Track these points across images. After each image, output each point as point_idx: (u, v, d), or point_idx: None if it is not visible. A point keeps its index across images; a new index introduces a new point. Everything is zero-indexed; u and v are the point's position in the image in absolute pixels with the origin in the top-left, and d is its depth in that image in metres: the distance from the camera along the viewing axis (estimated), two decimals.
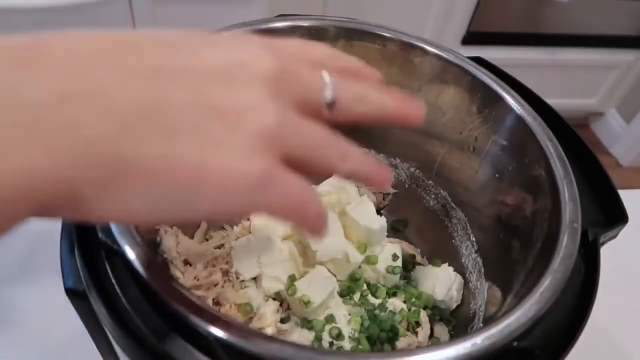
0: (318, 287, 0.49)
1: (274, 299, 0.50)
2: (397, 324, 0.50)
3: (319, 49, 0.28)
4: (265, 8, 1.36)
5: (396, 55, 0.50)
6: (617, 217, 0.40)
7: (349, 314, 0.50)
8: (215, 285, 0.50)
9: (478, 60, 0.49)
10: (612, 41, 1.79)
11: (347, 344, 0.48)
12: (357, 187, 0.58)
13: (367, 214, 0.54)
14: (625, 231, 0.41)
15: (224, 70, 0.22)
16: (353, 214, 0.53)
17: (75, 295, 0.32)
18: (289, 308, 0.51)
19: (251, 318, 0.48)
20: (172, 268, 0.47)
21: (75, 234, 0.33)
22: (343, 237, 0.52)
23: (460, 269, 0.55)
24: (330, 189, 0.57)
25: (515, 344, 0.31)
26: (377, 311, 0.51)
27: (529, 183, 0.44)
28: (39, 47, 0.20)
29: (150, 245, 0.45)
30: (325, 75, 0.26)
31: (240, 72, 0.23)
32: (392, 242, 0.57)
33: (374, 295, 0.53)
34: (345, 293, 0.52)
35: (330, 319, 0.50)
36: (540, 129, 0.43)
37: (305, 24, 0.49)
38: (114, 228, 0.32)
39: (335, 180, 0.57)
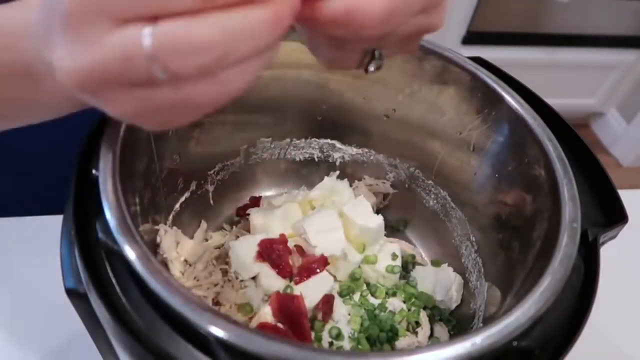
0: (315, 287, 0.49)
1: None
2: (397, 324, 0.51)
3: None
4: None
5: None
6: (617, 217, 0.40)
7: (349, 314, 0.50)
8: (215, 285, 0.50)
9: (478, 60, 0.49)
10: (612, 41, 1.79)
11: (347, 344, 0.48)
12: (352, 188, 0.59)
13: (363, 213, 0.54)
14: (625, 231, 0.40)
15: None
16: (350, 213, 0.53)
17: (75, 295, 0.32)
18: None
19: (251, 318, 0.48)
20: (172, 268, 0.48)
21: (75, 234, 0.33)
22: (342, 234, 0.52)
23: (460, 269, 0.55)
24: (323, 193, 0.57)
25: (514, 343, 0.31)
26: (377, 311, 0.51)
27: (528, 183, 0.44)
28: None
29: (150, 245, 0.45)
30: (144, 50, 0.22)
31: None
32: (392, 242, 0.57)
33: (373, 295, 0.53)
34: (345, 293, 0.52)
35: (330, 319, 0.50)
36: (540, 129, 0.43)
37: None
38: (113, 228, 0.32)
39: (328, 182, 0.58)
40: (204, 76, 0.23)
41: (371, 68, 0.31)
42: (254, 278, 0.51)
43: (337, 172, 0.59)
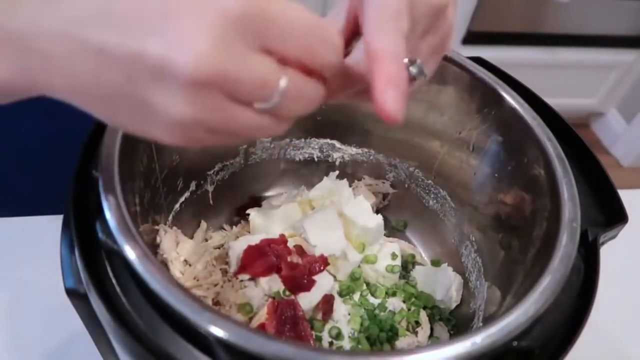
0: (315, 287, 0.49)
1: (274, 299, 0.50)
2: (397, 323, 0.51)
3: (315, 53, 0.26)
4: None
5: None
6: (617, 217, 0.40)
7: (349, 314, 0.50)
8: (215, 285, 0.50)
9: (478, 60, 0.49)
10: (612, 41, 1.78)
11: (347, 344, 0.48)
12: (352, 188, 0.59)
13: (363, 213, 0.54)
14: (625, 231, 0.40)
15: (147, 64, 0.24)
16: (349, 213, 0.53)
17: (75, 295, 0.32)
18: None
19: (251, 318, 0.48)
20: (172, 268, 0.48)
21: (75, 234, 0.33)
22: (342, 234, 0.52)
23: (459, 269, 0.55)
24: (323, 193, 0.57)
25: (514, 343, 0.32)
26: (376, 311, 0.51)
27: (528, 183, 0.44)
28: None
29: (150, 245, 0.45)
30: (282, 84, 0.25)
31: (163, 72, 0.23)
32: (391, 242, 0.57)
33: (373, 295, 0.53)
34: (345, 293, 0.52)
35: (329, 318, 0.50)
36: (540, 129, 0.43)
37: None
38: (113, 228, 0.32)
39: (327, 182, 0.58)
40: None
41: (413, 70, 0.32)
42: (253, 278, 0.51)
43: (337, 172, 0.59)
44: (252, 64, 0.24)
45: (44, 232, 0.57)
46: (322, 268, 0.50)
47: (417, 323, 0.52)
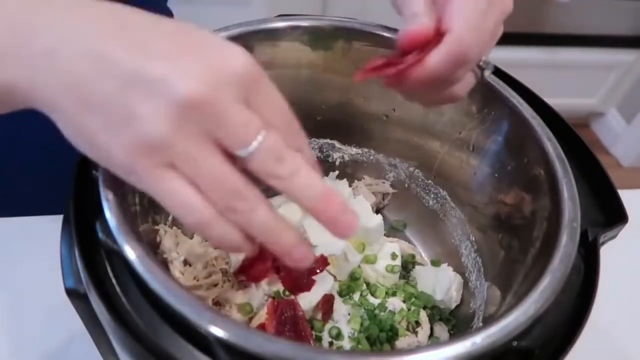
0: (315, 287, 0.49)
1: (274, 299, 0.50)
2: (397, 323, 0.50)
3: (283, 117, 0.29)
4: (265, 8, 1.36)
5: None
6: (617, 217, 0.40)
7: (349, 314, 0.50)
8: (215, 285, 0.50)
9: None
10: (612, 41, 1.79)
11: (346, 344, 0.48)
12: (352, 188, 0.59)
13: (363, 213, 0.54)
14: (625, 231, 0.40)
15: (147, 78, 0.25)
16: None
17: (75, 295, 0.32)
18: None
19: (251, 318, 0.48)
20: (172, 268, 0.48)
21: (75, 234, 0.33)
22: None
23: (459, 269, 0.55)
24: None
25: (514, 343, 0.32)
26: (376, 311, 0.51)
27: (528, 183, 0.44)
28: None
29: (150, 245, 0.45)
30: (261, 136, 0.27)
31: (159, 88, 0.25)
32: (391, 242, 0.57)
33: (373, 295, 0.53)
34: (345, 293, 0.52)
35: (329, 318, 0.50)
36: (540, 128, 0.43)
37: (304, 23, 0.49)
38: (113, 228, 0.32)
39: (327, 182, 0.58)
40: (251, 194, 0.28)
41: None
42: None
43: (337, 172, 0.59)
44: (240, 107, 0.26)
45: (44, 232, 0.57)
46: (322, 268, 0.50)
47: (417, 323, 0.52)
